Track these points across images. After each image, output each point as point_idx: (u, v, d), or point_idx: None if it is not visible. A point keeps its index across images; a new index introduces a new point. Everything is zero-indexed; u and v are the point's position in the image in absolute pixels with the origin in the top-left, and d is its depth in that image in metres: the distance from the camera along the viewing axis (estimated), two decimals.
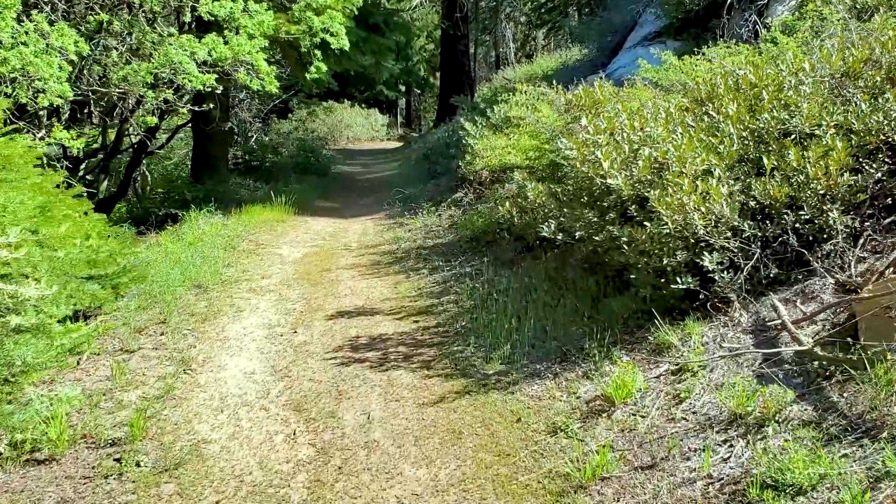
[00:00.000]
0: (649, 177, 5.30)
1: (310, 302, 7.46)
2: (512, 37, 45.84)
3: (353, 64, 14.96)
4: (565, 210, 6.20)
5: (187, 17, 10.89)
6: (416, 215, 11.87)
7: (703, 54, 9.22)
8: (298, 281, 8.39)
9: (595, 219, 5.68)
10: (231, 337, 6.35)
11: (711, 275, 4.81)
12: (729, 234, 4.90)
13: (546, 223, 6.18)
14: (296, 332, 6.47)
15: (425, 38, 41.80)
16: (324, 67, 12.46)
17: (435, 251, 9.19)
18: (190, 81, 10.70)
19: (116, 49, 11.16)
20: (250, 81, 11.32)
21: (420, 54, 40.52)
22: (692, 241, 4.97)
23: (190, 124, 16.87)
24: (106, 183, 17.16)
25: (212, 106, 12.80)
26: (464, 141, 12.25)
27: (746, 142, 5.50)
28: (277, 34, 12.21)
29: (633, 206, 5.43)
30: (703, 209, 4.80)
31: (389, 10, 19.01)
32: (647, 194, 5.11)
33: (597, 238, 5.49)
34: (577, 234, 5.75)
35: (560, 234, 6.04)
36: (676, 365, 4.44)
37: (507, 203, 7.71)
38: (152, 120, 10.55)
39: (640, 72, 9.67)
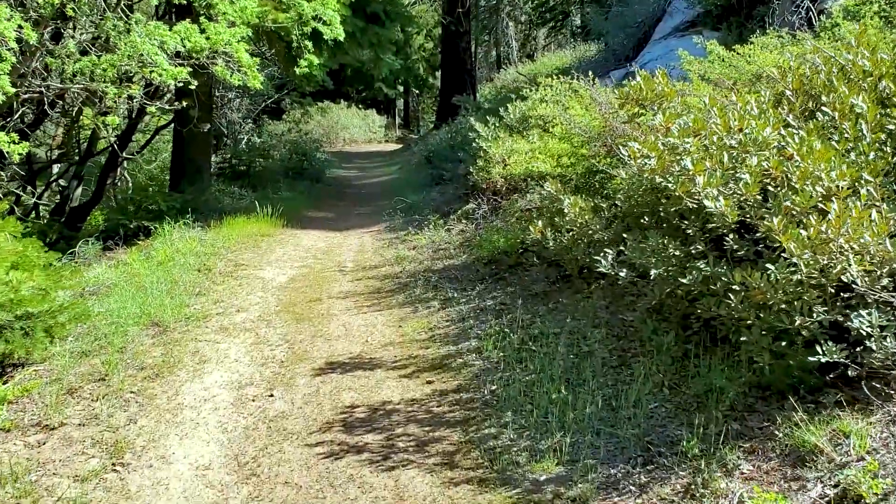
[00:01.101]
0: (758, 197, 3.80)
1: (293, 346, 5.94)
2: (514, 35, 44.41)
3: (349, 58, 13.45)
4: (627, 237, 4.69)
5: (154, 0, 9.38)
6: (421, 229, 10.36)
7: (752, 43, 7.83)
8: (281, 315, 6.87)
9: (677, 252, 4.17)
10: (186, 404, 4.83)
11: (865, 341, 3.32)
12: (886, 281, 3.40)
13: (602, 254, 4.68)
14: (272, 394, 4.95)
15: (424, 37, 40.29)
16: (315, 61, 10.96)
17: (446, 276, 7.68)
18: (159, 76, 9.22)
19: (73, 38, 9.65)
20: (230, 76, 9.83)
21: (419, 53, 39.01)
22: (831, 290, 3.47)
23: (172, 126, 15.36)
24: (80, 190, 15.68)
25: (186, 104, 11.31)
26: (474, 144, 10.76)
27: (883, 147, 4.01)
28: (262, 22, 10.70)
29: (731, 237, 3.93)
30: (855, 246, 3.30)
31: None
32: (761, 223, 3.60)
33: (685, 280, 3.97)
34: (652, 271, 4.22)
35: (623, 269, 4.53)
36: (836, 486, 2.93)
37: (539, 222, 6.19)
38: (113, 120, 9.02)
39: (681, 64, 8.21)
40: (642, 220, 5.25)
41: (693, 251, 4.16)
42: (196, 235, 10.57)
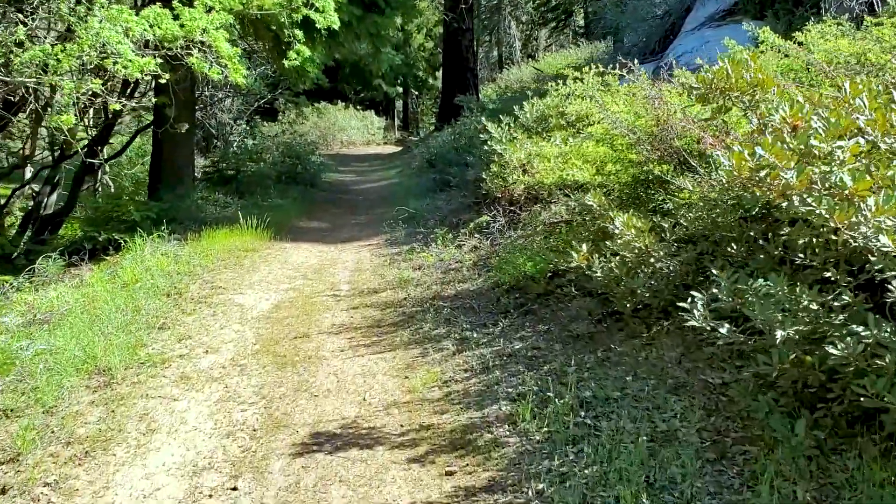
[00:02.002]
0: None
1: (271, 405, 4.64)
2: (517, 34, 43.17)
3: (345, 51, 12.17)
4: (718, 274, 3.40)
5: None
6: (426, 244, 9.06)
7: (806, 31, 6.66)
8: (260, 357, 5.58)
9: (815, 306, 2.88)
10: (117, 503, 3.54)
11: None
12: None
13: (690, 301, 3.38)
14: (236, 487, 3.64)
15: (424, 36, 39.03)
16: (307, 52, 9.69)
17: (460, 305, 6.39)
18: (124, 67, 7.97)
19: (24, 24, 8.37)
20: (209, 69, 8.56)
21: (419, 52, 37.72)
22: None
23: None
24: (54, 196, 14.40)
25: (161, 101, 10.04)
26: (486, 147, 9.47)
27: None
28: (247, 9, 9.41)
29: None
30: None
31: None
32: None
33: (836, 350, 2.68)
34: (778, 333, 2.91)
35: (723, 325, 3.23)
36: None
37: (584, 246, 4.91)
38: (69, 119, 7.69)
39: (727, 55, 6.94)
40: (729, 248, 3.97)
41: (835, 303, 2.87)
42: (171, 250, 9.28)
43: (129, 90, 13.15)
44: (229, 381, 5.12)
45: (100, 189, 17.62)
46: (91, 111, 15.46)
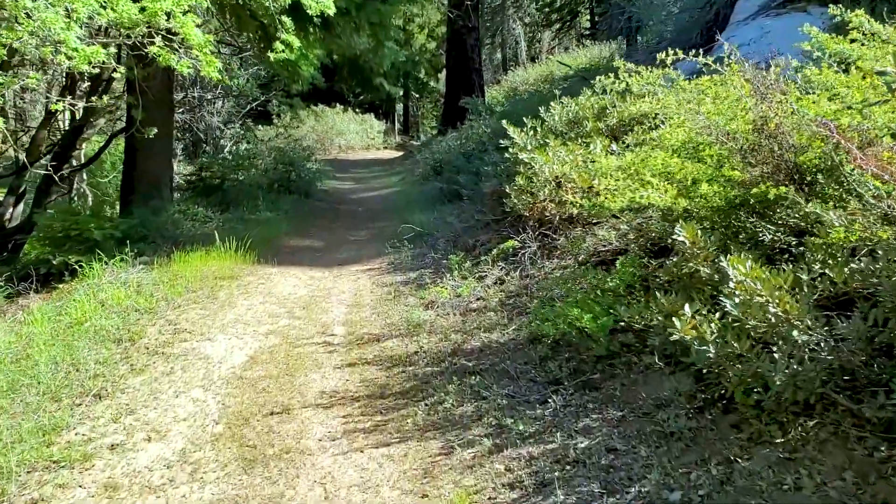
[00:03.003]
0: None
1: None
2: (523, 35, 41.74)
3: (341, 43, 10.63)
4: None
5: None
6: (438, 271, 7.55)
7: None
8: (220, 450, 4.05)
9: None
10: None
11: None
12: None
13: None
14: None
15: (426, 36, 37.51)
16: (296, 43, 8.18)
17: (490, 366, 4.85)
18: (68, 58, 6.50)
19: None
20: (177, 62, 7.05)
21: (420, 54, 36.16)
22: None
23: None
24: (20, 207, 12.88)
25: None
26: (507, 154, 7.96)
27: None
28: None
29: None
30: None
31: None
32: None
33: None
34: None
35: None
36: None
37: (687, 308, 3.38)
38: None
39: (810, 43, 5.44)
40: None
41: None
42: (134, 278, 7.78)
43: (99, 89, 11.65)
44: (173, 493, 3.59)
45: (76, 199, 16.14)
46: (66, 114, 13.97)
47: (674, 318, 3.26)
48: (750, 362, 3.18)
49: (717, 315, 3.34)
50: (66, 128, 13.82)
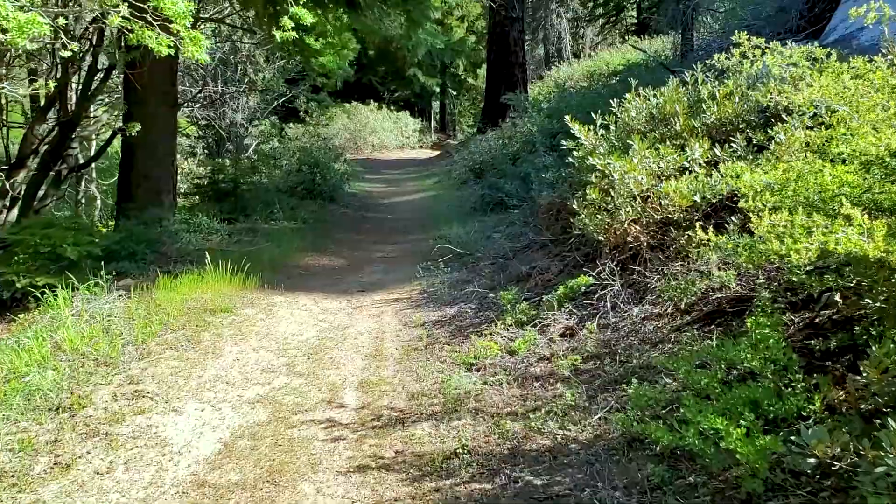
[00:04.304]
0: None
1: None
2: (567, 29, 39.84)
3: (369, 26, 9.00)
4: None
5: None
6: (482, 308, 5.90)
7: None
8: None
9: None
10: None
11: None
12: None
13: None
14: None
15: (465, 30, 35.77)
16: (308, 18, 6.53)
17: (569, 489, 3.17)
18: (3, 31, 4.99)
19: None
20: (155, 39, 5.49)
21: (460, 46, 34.42)
22: None
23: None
24: (14, 212, 11.47)
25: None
26: (572, 159, 6.29)
27: None
28: None
29: None
30: None
31: None
32: None
33: None
34: None
35: None
36: None
37: None
38: None
39: None
40: None
41: None
42: (108, 309, 6.25)
43: (94, 79, 10.18)
44: None
45: (83, 202, 14.76)
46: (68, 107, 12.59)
47: None
48: None
49: None
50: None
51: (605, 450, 3.40)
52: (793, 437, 2.39)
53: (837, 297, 3.68)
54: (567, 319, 5.02)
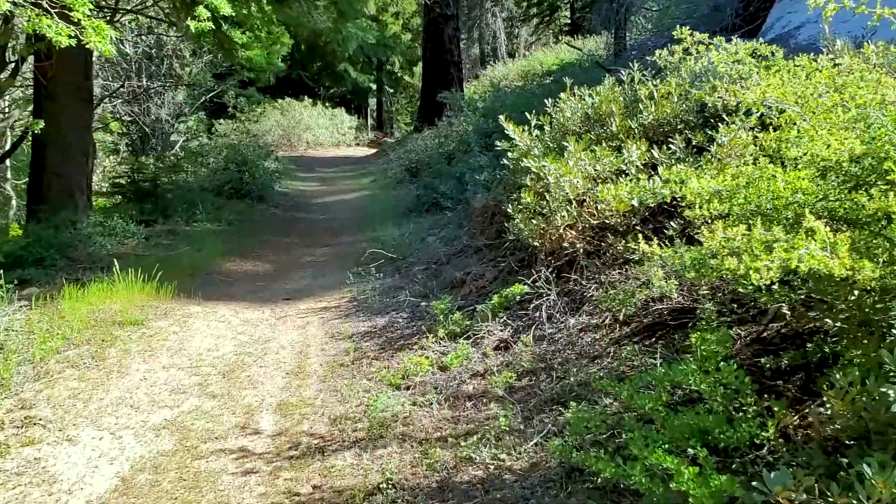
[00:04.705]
0: None
1: None
2: (502, 28, 39.77)
3: (296, 20, 8.56)
4: None
5: None
6: (414, 318, 5.57)
7: None
8: None
9: None
10: None
11: None
12: None
13: None
14: None
15: (401, 27, 35.33)
16: (226, 8, 6.09)
17: None
18: None
19: None
20: (39, 24, 5.01)
21: (394, 43, 33.98)
22: None
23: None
24: None
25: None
26: (507, 160, 6.01)
27: None
28: None
29: None
30: None
31: None
32: None
33: None
34: None
35: None
36: None
37: None
38: None
39: None
40: None
41: None
42: (4, 323, 5.71)
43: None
44: None
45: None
46: None
47: None
48: None
49: None
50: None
51: (541, 482, 3.10)
52: (754, 483, 2.10)
53: (786, 310, 3.47)
54: (502, 331, 4.72)
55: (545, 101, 6.47)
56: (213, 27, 5.94)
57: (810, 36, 6.64)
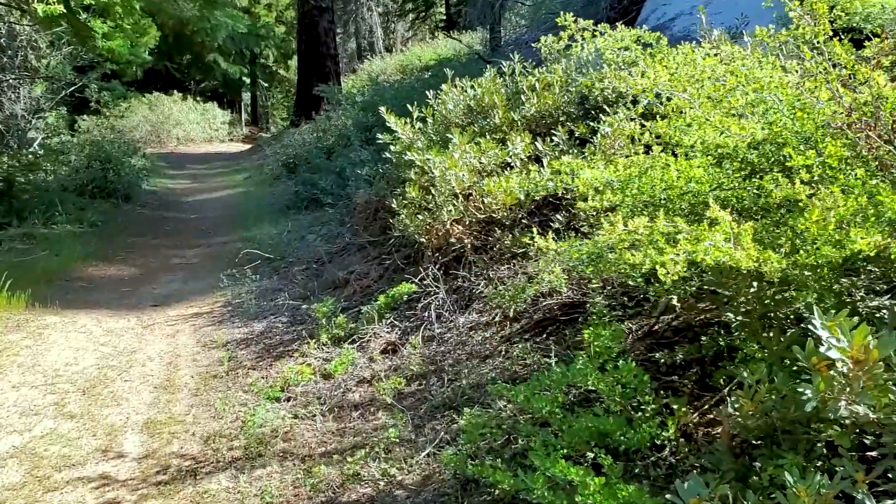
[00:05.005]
0: None
1: None
2: (379, 23, 39.43)
3: (160, 7, 7.99)
4: None
5: None
6: (295, 322, 5.26)
7: None
8: None
9: None
10: None
11: None
12: None
13: None
14: None
15: (275, 20, 34.38)
16: None
17: None
18: None
19: None
20: None
21: (267, 34, 32.99)
22: None
23: None
24: None
25: None
26: (391, 153, 5.79)
27: None
28: None
29: None
30: None
31: None
32: None
33: None
34: None
35: None
36: None
37: None
38: None
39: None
40: None
41: None
42: None
43: None
44: None
45: None
46: None
47: None
48: None
49: None
50: None
51: (435, 496, 2.90)
52: (668, 495, 1.96)
53: (675, 302, 3.41)
54: (389, 333, 4.49)
55: (426, 93, 6.29)
56: (65, 11, 5.40)
57: (685, 27, 6.75)
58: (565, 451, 2.56)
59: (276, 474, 3.26)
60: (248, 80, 35.24)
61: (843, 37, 2.55)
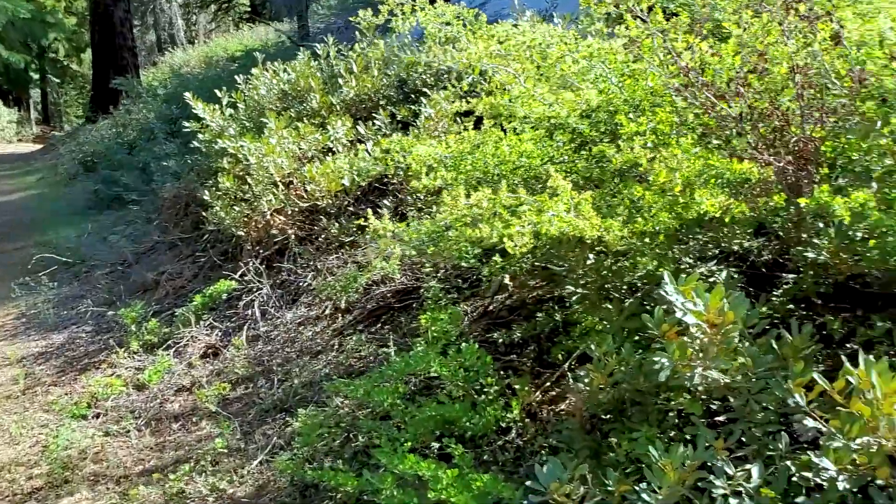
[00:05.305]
0: None
1: None
2: (179, 14, 37.55)
3: None
4: None
5: None
6: (101, 331, 4.77)
7: None
8: None
9: None
10: None
11: None
12: None
13: None
14: None
15: (64, 10, 31.80)
16: None
17: None
18: None
19: None
20: None
21: (58, 29, 30.48)
22: None
23: None
24: None
25: None
26: (199, 143, 5.40)
27: None
28: None
29: None
30: None
31: None
32: None
33: None
34: None
35: None
36: None
37: None
38: None
39: None
40: None
41: None
42: None
43: None
44: None
45: None
46: None
47: None
48: None
49: None
50: None
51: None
52: (528, 483, 1.84)
53: (507, 281, 3.36)
54: (208, 335, 4.15)
55: (236, 78, 5.94)
56: None
57: (496, 11, 6.80)
58: (411, 443, 2.41)
59: (85, 501, 2.88)
60: (36, 76, 32.42)
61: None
